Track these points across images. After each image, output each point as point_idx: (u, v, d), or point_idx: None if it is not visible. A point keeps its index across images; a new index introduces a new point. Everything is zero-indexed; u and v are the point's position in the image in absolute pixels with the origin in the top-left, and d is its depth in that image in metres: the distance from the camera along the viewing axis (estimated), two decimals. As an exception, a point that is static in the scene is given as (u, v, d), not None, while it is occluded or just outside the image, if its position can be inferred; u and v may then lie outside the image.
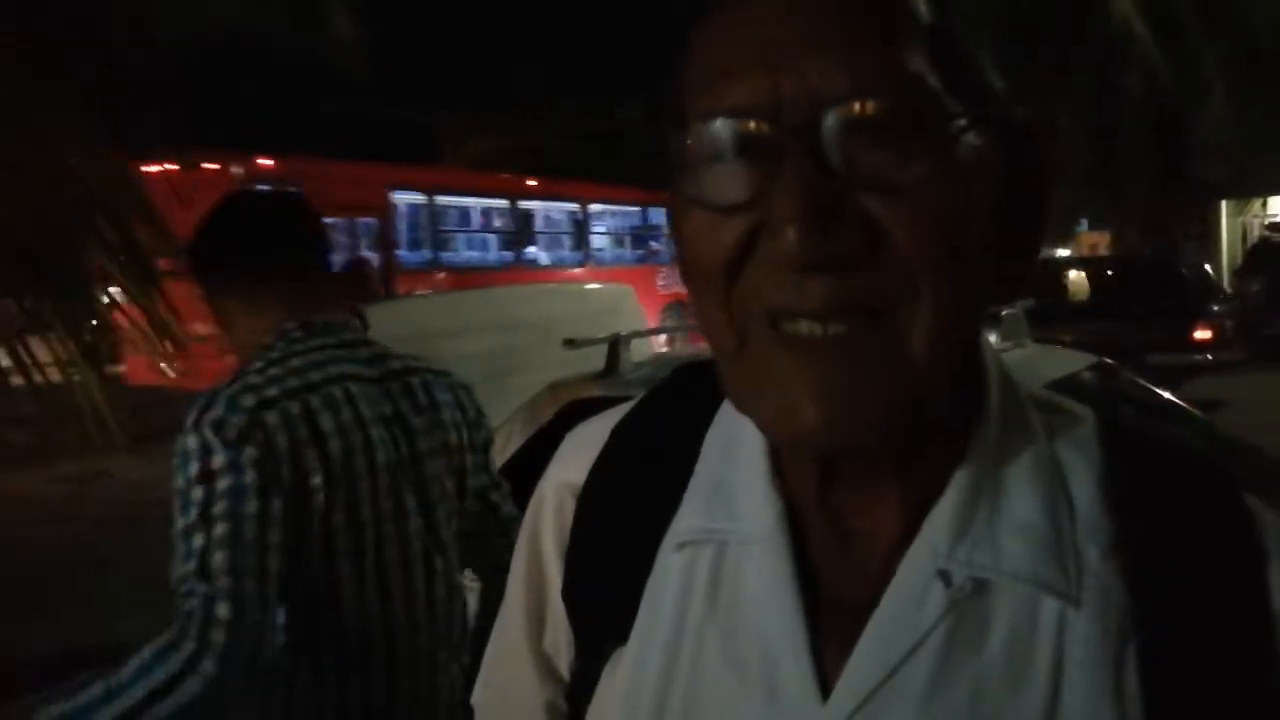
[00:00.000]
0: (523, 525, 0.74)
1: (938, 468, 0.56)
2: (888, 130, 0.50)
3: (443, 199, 10.71)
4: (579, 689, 0.68)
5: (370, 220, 9.51)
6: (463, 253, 11.00)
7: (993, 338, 2.66)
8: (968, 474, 0.56)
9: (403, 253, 10.28)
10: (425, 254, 10.53)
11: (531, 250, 11.79)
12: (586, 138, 20.02)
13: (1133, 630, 0.53)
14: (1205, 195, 17.99)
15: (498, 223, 11.60)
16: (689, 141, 0.53)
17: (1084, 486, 0.56)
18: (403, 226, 10.31)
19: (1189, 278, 10.66)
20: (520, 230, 11.65)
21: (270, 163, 8.99)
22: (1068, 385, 2.78)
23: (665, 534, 0.63)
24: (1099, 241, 18.25)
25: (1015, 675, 0.52)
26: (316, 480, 1.42)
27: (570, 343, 3.05)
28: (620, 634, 0.63)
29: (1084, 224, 18.68)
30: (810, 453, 0.56)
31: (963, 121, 0.51)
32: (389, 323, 3.49)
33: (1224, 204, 19.85)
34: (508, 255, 11.40)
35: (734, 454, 0.62)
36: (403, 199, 10.27)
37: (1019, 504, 0.55)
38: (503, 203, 11.44)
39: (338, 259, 7.44)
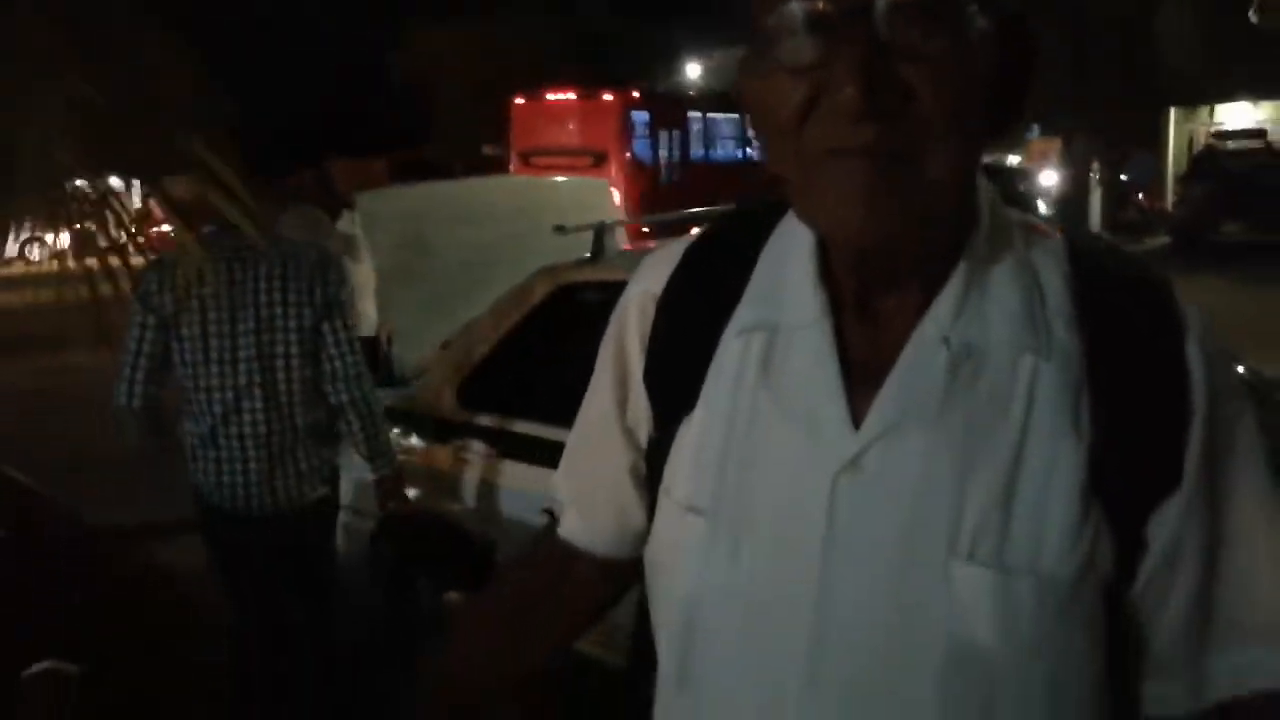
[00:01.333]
0: (607, 331, 0.94)
1: (943, 267, 0.76)
2: (923, 12, 0.68)
3: (711, 115, 15.04)
4: (656, 452, 0.88)
5: (677, 131, 14.31)
6: (721, 152, 15.42)
7: None
8: (964, 271, 0.76)
9: (694, 151, 14.63)
10: (702, 153, 14.89)
11: (747, 149, 15.56)
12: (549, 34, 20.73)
13: (1086, 381, 0.74)
14: (1157, 103, 18.26)
15: (731, 131, 15.60)
16: (769, 19, 0.72)
17: (1052, 282, 0.77)
18: (692, 134, 14.82)
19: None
20: (741, 135, 15.58)
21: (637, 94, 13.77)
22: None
23: (726, 326, 0.83)
24: (1049, 148, 18.52)
25: (999, 408, 0.74)
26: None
27: (560, 229, 3.23)
28: (690, 404, 0.84)
29: (1035, 130, 18.90)
30: (853, 253, 0.76)
31: (975, 8, 0.70)
32: (385, 209, 3.63)
33: (1172, 112, 20.17)
34: (738, 153, 15.56)
35: (785, 263, 0.82)
36: (693, 116, 14.88)
37: (1002, 293, 0.76)
38: (734, 116, 15.19)
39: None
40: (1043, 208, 12.06)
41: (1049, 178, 17.08)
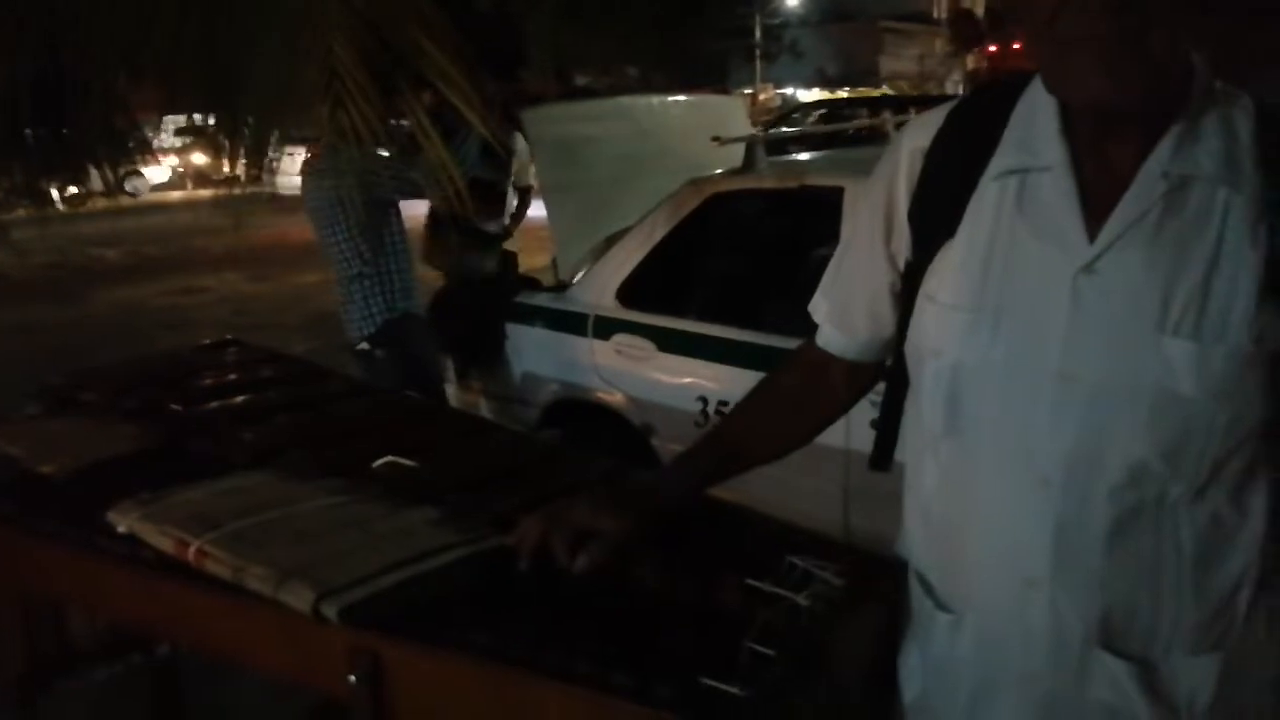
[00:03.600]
0: (872, 179, 1.21)
1: (1164, 121, 1.01)
2: None
3: None
4: (914, 272, 1.15)
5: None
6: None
7: None
8: (1181, 123, 1.01)
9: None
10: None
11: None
12: None
13: (1265, 209, 0.99)
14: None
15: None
16: None
17: (1244, 132, 1.01)
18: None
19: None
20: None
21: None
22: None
23: (984, 172, 1.10)
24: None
25: (1200, 227, 0.99)
26: None
27: (717, 139, 3.49)
28: (950, 233, 1.11)
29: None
30: (1093, 113, 1.01)
31: None
32: (544, 127, 3.93)
33: None
34: None
35: (1033, 122, 1.08)
36: None
37: (1208, 140, 1.00)
38: None
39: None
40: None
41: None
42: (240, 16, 2.27)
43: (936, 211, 1.12)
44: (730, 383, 3.18)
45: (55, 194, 3.36)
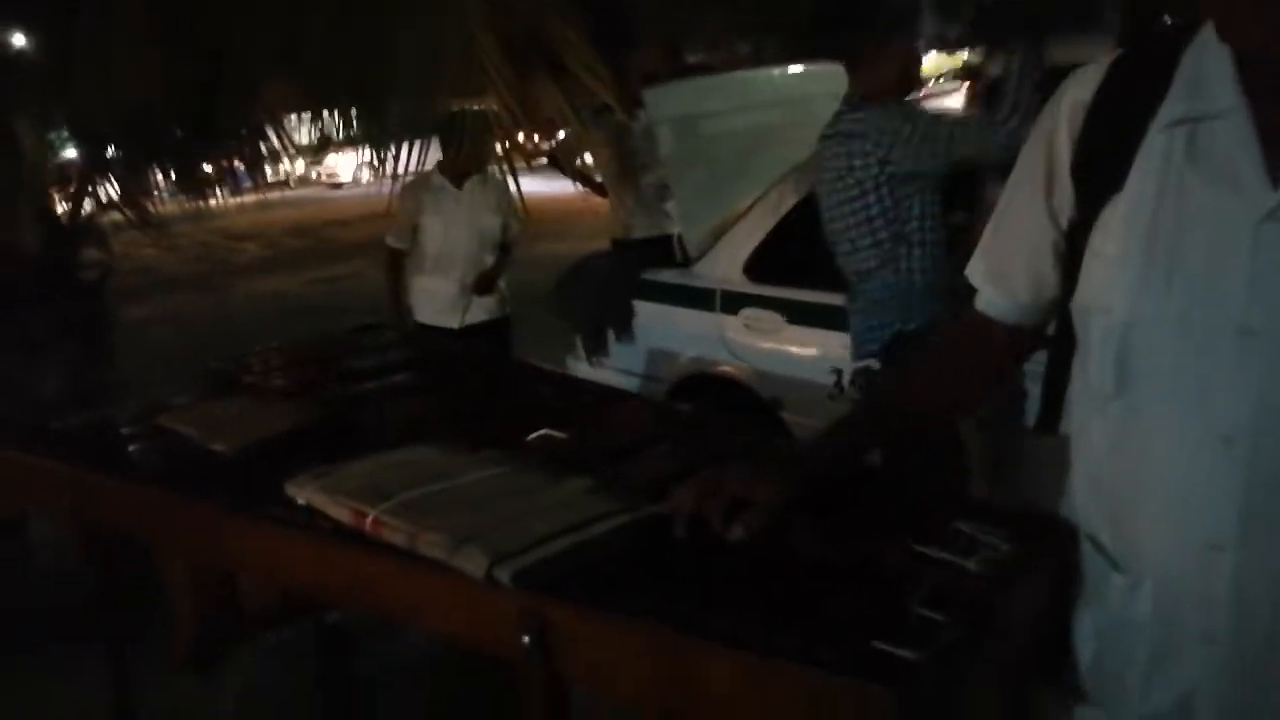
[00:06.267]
0: (1032, 136, 1.18)
1: None
2: None
3: None
4: (1079, 229, 1.12)
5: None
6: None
7: None
8: None
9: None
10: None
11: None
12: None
13: None
14: None
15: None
16: None
17: None
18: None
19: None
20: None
21: None
22: None
23: (1151, 123, 1.05)
24: None
25: None
26: None
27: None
28: (1117, 187, 1.07)
29: None
30: (1273, 59, 0.97)
31: None
32: (665, 106, 3.93)
33: None
34: None
35: (1203, 70, 1.03)
36: None
37: None
38: None
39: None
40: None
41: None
42: (387, 14, 2.34)
43: (1102, 165, 1.09)
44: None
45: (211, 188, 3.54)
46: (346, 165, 15.12)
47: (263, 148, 3.59)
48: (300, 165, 19.33)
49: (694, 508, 1.22)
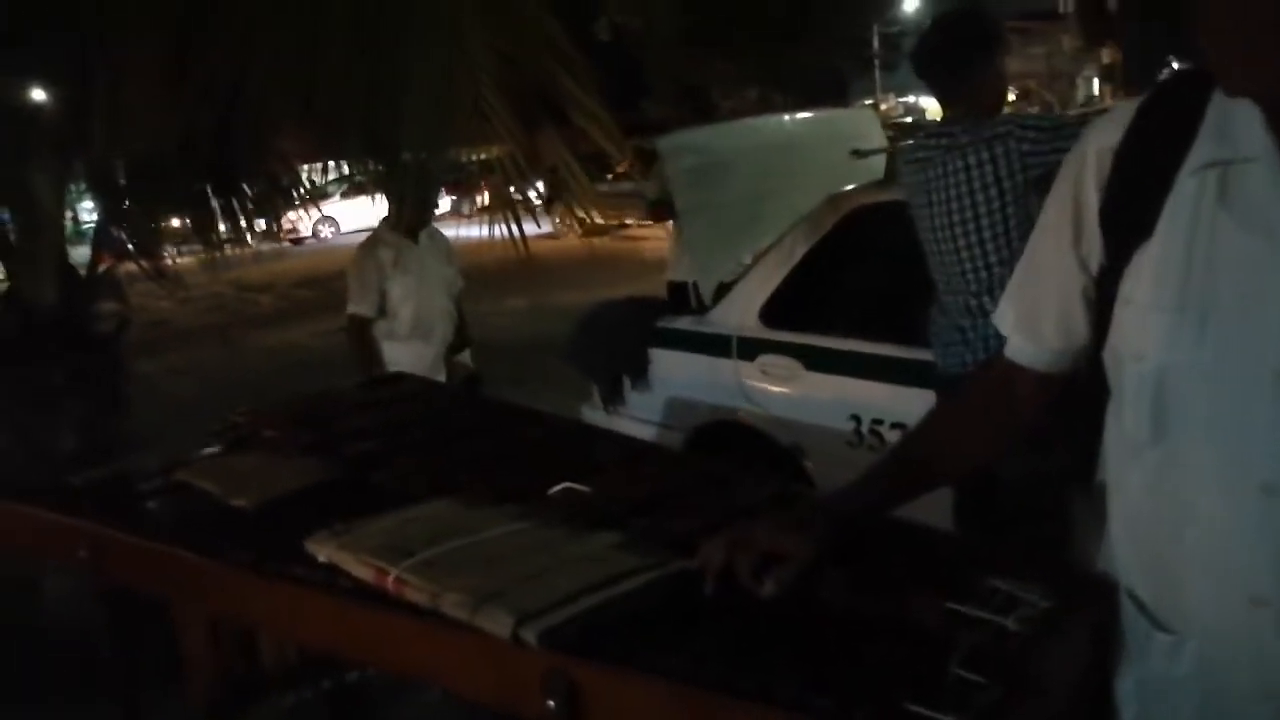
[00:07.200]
0: (1057, 183, 1.16)
1: None
2: None
3: None
4: (1108, 277, 1.10)
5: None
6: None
7: None
8: None
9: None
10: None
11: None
12: None
13: None
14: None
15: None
16: None
17: None
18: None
19: None
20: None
21: None
22: None
23: (1180, 168, 1.04)
24: None
25: None
26: None
27: (857, 153, 3.45)
28: (1146, 233, 1.06)
29: None
30: None
31: None
32: (679, 153, 3.96)
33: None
34: None
35: (1232, 114, 1.02)
36: None
37: None
38: None
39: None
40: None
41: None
42: (399, 65, 2.37)
43: (1132, 211, 1.08)
44: (884, 399, 3.11)
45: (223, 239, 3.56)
46: (305, 221, 15.12)
47: (279, 197, 3.62)
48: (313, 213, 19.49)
49: (723, 563, 1.19)
